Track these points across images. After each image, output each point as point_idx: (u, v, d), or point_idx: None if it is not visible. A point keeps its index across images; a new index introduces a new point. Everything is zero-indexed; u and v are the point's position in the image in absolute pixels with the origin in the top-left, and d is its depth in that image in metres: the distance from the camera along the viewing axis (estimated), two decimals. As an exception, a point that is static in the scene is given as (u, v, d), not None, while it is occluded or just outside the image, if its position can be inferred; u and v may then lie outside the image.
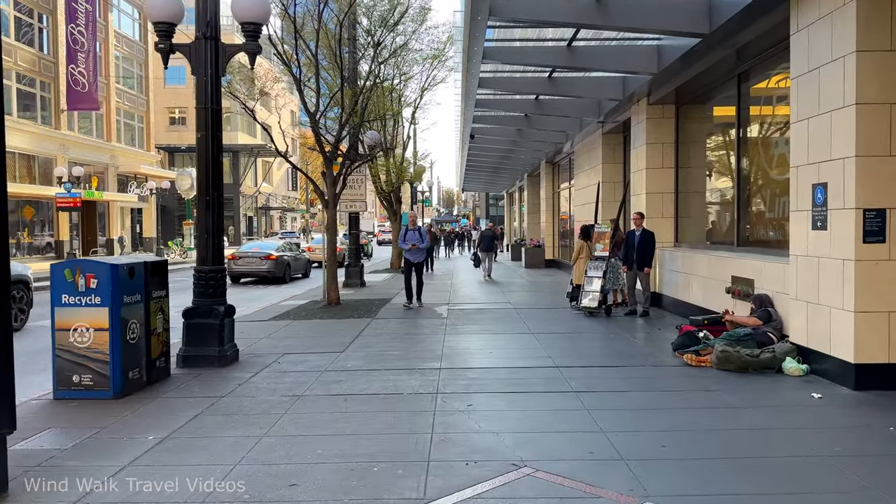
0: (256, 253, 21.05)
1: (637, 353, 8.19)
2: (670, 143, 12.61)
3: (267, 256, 20.67)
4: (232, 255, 20.63)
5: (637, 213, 11.46)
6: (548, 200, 25.29)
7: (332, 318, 11.78)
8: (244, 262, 20.84)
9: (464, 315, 11.92)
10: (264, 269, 20.49)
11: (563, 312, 12.16)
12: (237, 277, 20.76)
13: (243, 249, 22.02)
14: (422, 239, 12.65)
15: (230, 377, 7.14)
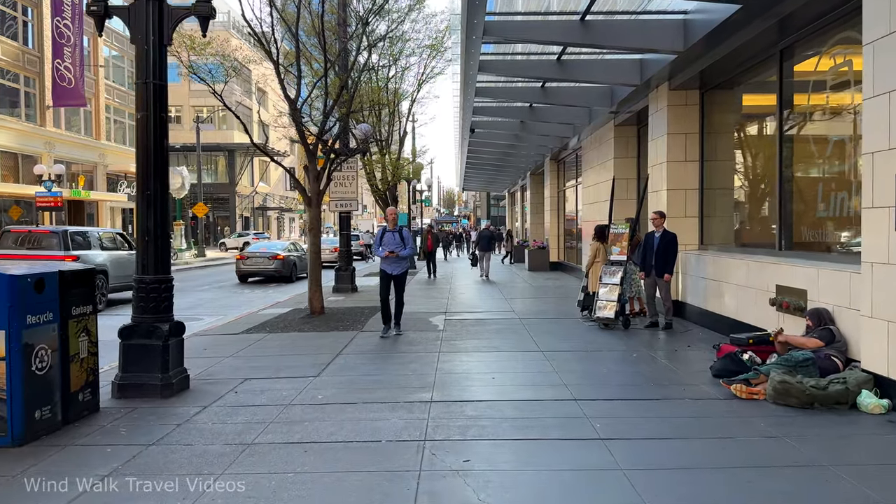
0: (264, 253, 21.59)
1: (669, 380, 6.80)
2: (694, 133, 11.22)
3: (274, 256, 21.19)
4: (241, 255, 21.78)
5: (656, 212, 10.08)
6: (552, 200, 23.90)
7: (313, 330, 10.40)
8: (252, 262, 21.35)
9: (462, 327, 10.54)
10: (272, 269, 21.01)
11: (574, 324, 10.77)
12: (245, 276, 21.47)
13: (251, 250, 22.51)
14: (403, 244, 9.51)
15: (170, 413, 5.77)
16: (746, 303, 8.66)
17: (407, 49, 20.97)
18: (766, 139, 9.86)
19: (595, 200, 16.94)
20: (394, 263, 9.60)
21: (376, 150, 23.08)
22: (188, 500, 3.87)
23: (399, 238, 9.52)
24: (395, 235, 9.52)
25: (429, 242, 21.27)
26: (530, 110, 16.06)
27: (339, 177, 16.47)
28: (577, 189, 20.63)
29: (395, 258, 9.51)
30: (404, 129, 24.39)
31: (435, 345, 8.92)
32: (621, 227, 10.43)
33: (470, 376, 7.06)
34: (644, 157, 14.86)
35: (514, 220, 42.83)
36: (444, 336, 9.63)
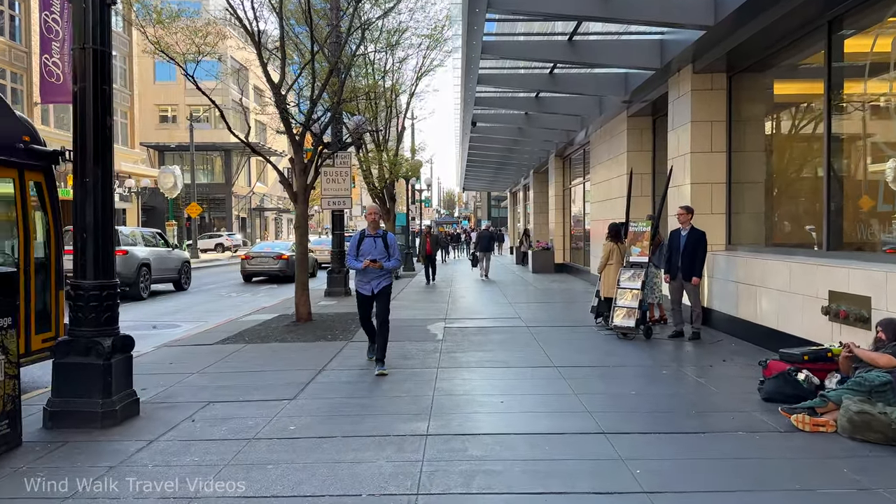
0: (268, 253, 21.87)
1: (713, 405, 5.70)
2: (721, 121, 10.13)
3: (279, 256, 21.37)
4: (245, 255, 22.16)
5: (683, 207, 8.97)
6: (557, 198, 22.81)
7: (297, 340, 9.31)
8: (257, 262, 21.60)
9: (464, 336, 9.44)
10: (276, 269, 21.16)
11: (588, 333, 9.68)
12: (249, 276, 21.63)
13: (255, 250, 23.01)
14: (388, 253, 7.18)
15: (106, 451, 4.68)
16: (790, 311, 7.56)
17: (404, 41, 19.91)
18: (808, 127, 8.78)
19: (605, 198, 15.85)
20: (374, 278, 7.14)
21: (373, 146, 22.00)
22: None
23: (382, 245, 7.18)
24: (376, 242, 7.18)
25: (427, 246, 19.83)
26: (536, 101, 14.97)
27: (332, 172, 15.40)
28: (584, 187, 19.53)
29: (376, 271, 7.09)
30: (402, 124, 23.31)
31: (433, 358, 7.83)
32: (642, 226, 9.33)
33: (473, 399, 5.96)
34: (661, 150, 13.77)
35: (515, 221, 41.72)
36: (443, 347, 8.53)
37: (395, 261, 7.23)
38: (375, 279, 7.18)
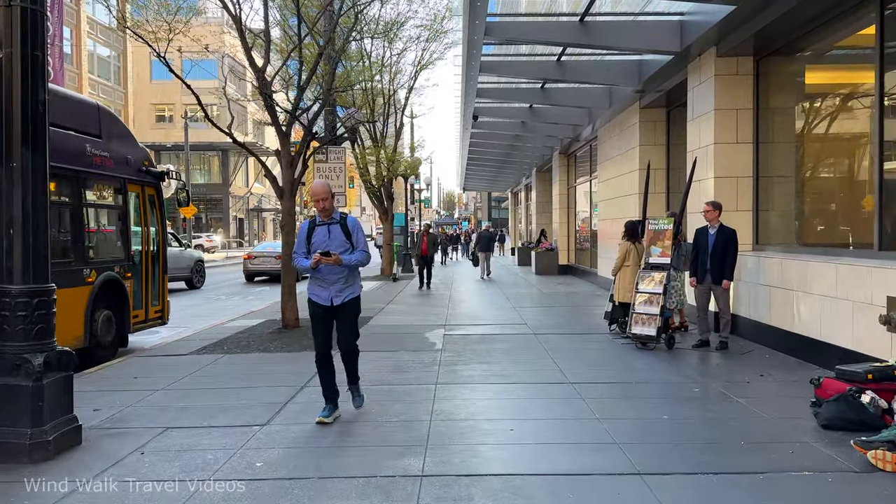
0: (270, 253, 21.37)
1: (764, 434, 4.79)
2: (747, 109, 9.23)
3: (279, 256, 21.13)
4: (248, 254, 22.02)
5: (711, 203, 8.06)
6: (562, 197, 21.91)
7: (280, 350, 8.41)
8: (259, 262, 21.37)
9: (465, 345, 8.54)
10: (278, 268, 22.27)
11: (602, 341, 8.78)
12: (251, 276, 21.53)
13: (257, 249, 22.73)
14: (349, 244, 5.19)
15: (22, 497, 3.78)
16: (837, 319, 6.66)
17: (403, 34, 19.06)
18: (851, 115, 7.90)
19: (615, 196, 14.96)
20: (333, 281, 5.15)
21: (370, 142, 21.12)
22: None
23: (341, 233, 5.13)
24: (331, 231, 5.12)
25: (424, 245, 18.00)
26: (541, 92, 14.06)
27: (325, 168, 14.51)
28: (590, 185, 18.64)
29: (335, 270, 5.11)
30: (401, 120, 22.43)
31: (431, 372, 6.92)
32: (663, 223, 8.41)
33: (478, 426, 5.05)
34: (676, 144, 12.89)
35: (517, 222, 40.85)
36: (442, 359, 7.63)
37: (360, 254, 5.16)
38: (336, 283, 5.15)
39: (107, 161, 8.29)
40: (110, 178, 8.48)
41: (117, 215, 8.76)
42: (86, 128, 8.04)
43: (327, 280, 5.17)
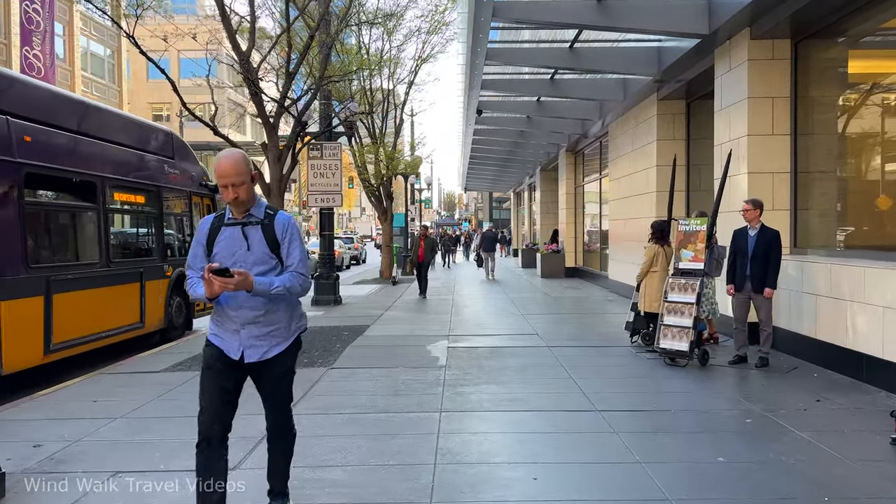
0: None
1: (847, 485, 3.87)
2: (784, 97, 8.33)
3: None
4: None
5: (751, 201, 7.13)
6: (568, 197, 21.00)
7: (265, 366, 7.49)
8: None
9: (472, 361, 7.62)
10: None
11: (625, 356, 7.87)
12: None
13: None
14: (275, 258, 3.16)
15: None
16: (904, 335, 5.75)
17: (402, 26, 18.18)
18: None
19: (628, 195, 14.05)
20: (249, 321, 3.13)
21: (368, 140, 20.21)
22: None
23: (262, 241, 3.16)
24: (248, 235, 3.14)
25: (420, 251, 15.83)
26: (550, 84, 13.14)
27: (320, 166, 13.64)
28: (600, 183, 17.73)
29: (252, 302, 3.10)
30: (401, 116, 21.53)
31: (434, 395, 6.01)
32: (695, 224, 7.48)
33: (493, 473, 4.12)
34: (697, 138, 12.00)
35: (519, 223, 39.94)
36: (447, 378, 6.71)
37: (291, 277, 3.13)
38: (252, 324, 3.13)
39: (178, 178, 10.12)
40: (181, 192, 10.33)
41: (186, 221, 10.64)
42: (163, 151, 9.84)
43: (237, 318, 3.09)
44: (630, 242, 13.85)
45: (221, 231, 3.17)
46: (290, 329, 3.28)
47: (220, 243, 3.15)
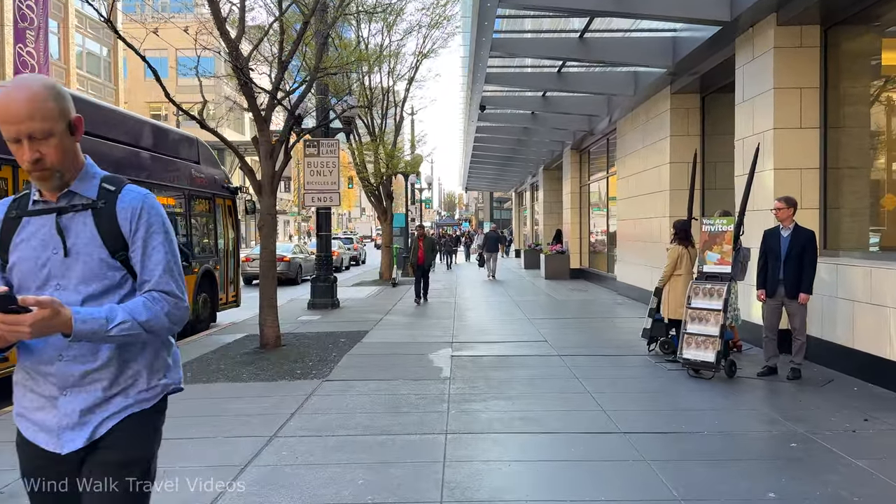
0: None
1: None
2: (813, 87, 7.76)
3: (280, 258, 20.41)
4: (246, 257, 21.33)
5: (784, 199, 6.54)
6: (573, 196, 20.42)
7: (254, 378, 6.91)
8: (257, 264, 20.32)
9: (478, 371, 7.04)
10: (277, 271, 19.68)
11: (643, 366, 7.29)
12: (250, 279, 20.69)
13: (256, 251, 22.20)
14: (123, 272, 1.86)
15: None
16: (961, 347, 5.18)
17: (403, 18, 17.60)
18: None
19: (637, 193, 13.47)
20: (64, 382, 1.79)
21: (368, 138, 19.64)
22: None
23: (96, 237, 1.83)
24: (50, 227, 1.83)
25: (420, 252, 14.31)
26: (558, 77, 12.56)
27: (317, 163, 13.08)
28: (607, 182, 17.15)
29: (60, 351, 1.78)
30: (401, 113, 20.93)
31: (438, 413, 5.43)
32: (721, 224, 6.89)
33: (509, 510, 3.56)
34: (712, 133, 11.43)
35: (521, 223, 39.37)
36: (451, 392, 6.13)
37: (149, 303, 1.84)
38: (80, 386, 1.81)
39: (203, 181, 10.89)
40: (206, 194, 11.06)
41: (210, 221, 11.31)
42: (190, 156, 10.62)
43: (54, 377, 1.81)
44: (640, 243, 13.29)
45: (22, 224, 1.86)
46: (147, 386, 1.90)
47: (20, 245, 1.85)
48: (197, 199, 10.78)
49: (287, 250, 21.85)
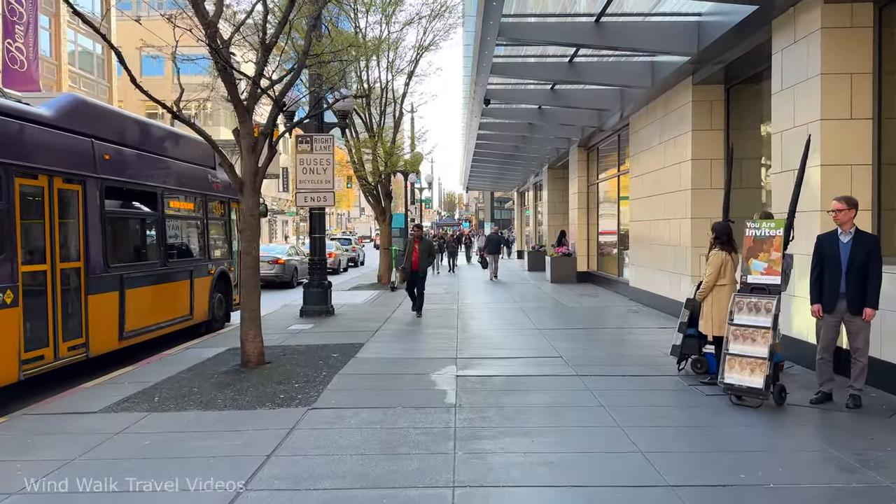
0: (264, 257, 19.21)
1: None
2: (865, 73, 6.87)
3: (275, 261, 19.76)
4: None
5: (843, 199, 5.63)
6: (580, 196, 19.52)
7: (230, 404, 5.99)
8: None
9: (489, 397, 6.14)
10: (272, 274, 19.36)
11: (675, 389, 6.40)
12: None
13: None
14: None
15: None
16: None
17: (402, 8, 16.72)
18: None
19: (654, 193, 12.57)
20: None
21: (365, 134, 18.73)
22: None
23: None
24: None
25: (415, 257, 12.02)
26: (568, 68, 11.65)
27: (309, 161, 12.15)
28: (618, 181, 16.25)
29: None
30: (400, 109, 20.01)
31: (443, 455, 4.52)
32: (768, 227, 5.99)
33: None
34: (738, 128, 10.56)
35: (524, 223, 38.47)
36: (458, 423, 5.23)
37: None
38: None
39: (219, 185, 11.15)
40: (221, 198, 11.31)
41: (225, 225, 11.61)
42: (206, 162, 10.89)
43: None
44: (656, 246, 12.39)
45: None
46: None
47: None
48: (213, 203, 11.11)
49: (282, 252, 21.04)
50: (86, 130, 7.63)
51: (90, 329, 7.34)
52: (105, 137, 8.00)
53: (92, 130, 7.73)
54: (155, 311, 8.96)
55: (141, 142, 9.03)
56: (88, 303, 7.33)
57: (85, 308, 7.40)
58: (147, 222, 9.29)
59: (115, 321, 7.91)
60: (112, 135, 8.23)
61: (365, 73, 18.02)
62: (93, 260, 7.43)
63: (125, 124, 8.86)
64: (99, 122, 8.04)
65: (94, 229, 7.53)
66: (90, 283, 7.36)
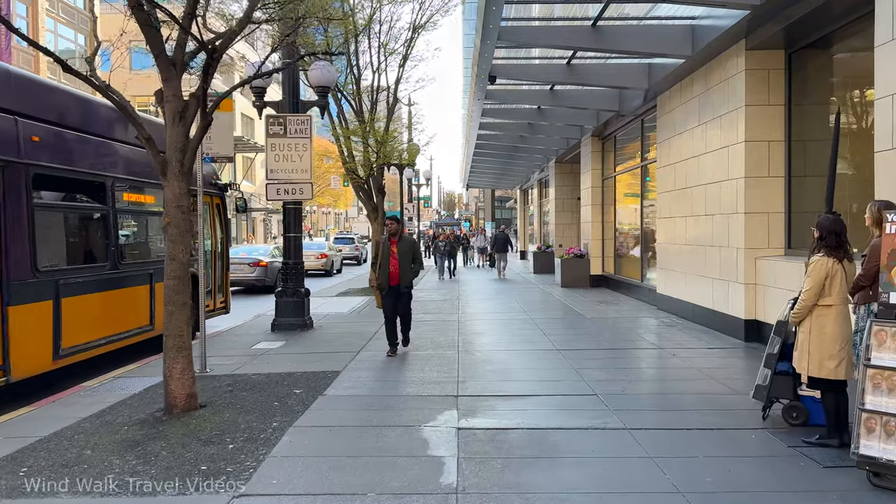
0: (245, 259, 18.46)
1: None
2: None
3: (256, 263, 18.29)
4: None
5: None
6: (595, 191, 17.56)
7: (122, 489, 4.01)
8: (231, 270, 17.07)
9: (504, 470, 4.19)
10: (253, 278, 18.20)
11: (770, 452, 4.45)
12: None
13: (231, 255, 18.21)
14: None
15: None
16: None
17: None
18: None
19: (689, 184, 10.61)
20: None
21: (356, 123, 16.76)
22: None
23: None
24: None
25: (393, 265, 8.13)
26: (591, 32, 9.70)
27: (282, 145, 10.33)
28: (641, 172, 14.30)
29: None
30: (394, 94, 18.03)
31: None
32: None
33: None
34: (803, 104, 8.62)
35: (527, 222, 36.50)
36: (461, 534, 3.28)
37: None
38: None
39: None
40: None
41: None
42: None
43: None
44: (697, 248, 10.40)
45: None
46: None
47: None
48: None
49: (265, 253, 19.37)
50: (7, 106, 6.30)
51: (11, 347, 6.09)
52: (35, 115, 6.73)
53: (16, 106, 6.44)
54: (104, 323, 7.72)
55: (85, 122, 7.68)
56: (9, 315, 6.07)
57: (3, 322, 6.04)
58: (93, 218, 8.03)
59: (47, 337, 6.66)
60: (45, 113, 6.94)
61: (356, 55, 16.08)
62: (15, 263, 6.19)
63: (64, 101, 7.52)
64: (27, 97, 6.72)
65: (16, 226, 6.26)
66: (12, 292, 6.12)
